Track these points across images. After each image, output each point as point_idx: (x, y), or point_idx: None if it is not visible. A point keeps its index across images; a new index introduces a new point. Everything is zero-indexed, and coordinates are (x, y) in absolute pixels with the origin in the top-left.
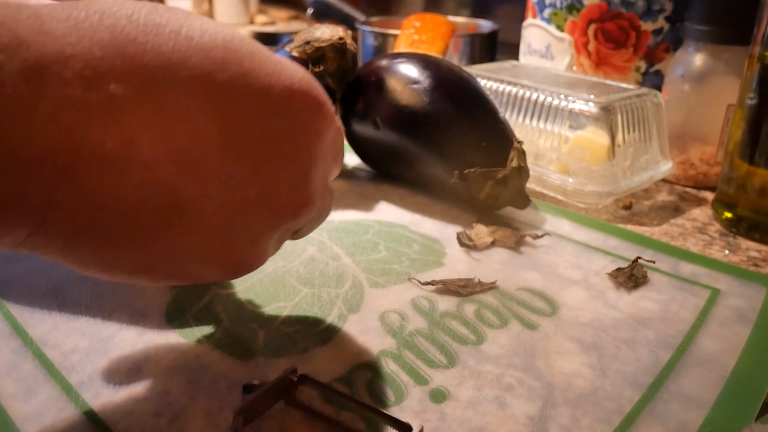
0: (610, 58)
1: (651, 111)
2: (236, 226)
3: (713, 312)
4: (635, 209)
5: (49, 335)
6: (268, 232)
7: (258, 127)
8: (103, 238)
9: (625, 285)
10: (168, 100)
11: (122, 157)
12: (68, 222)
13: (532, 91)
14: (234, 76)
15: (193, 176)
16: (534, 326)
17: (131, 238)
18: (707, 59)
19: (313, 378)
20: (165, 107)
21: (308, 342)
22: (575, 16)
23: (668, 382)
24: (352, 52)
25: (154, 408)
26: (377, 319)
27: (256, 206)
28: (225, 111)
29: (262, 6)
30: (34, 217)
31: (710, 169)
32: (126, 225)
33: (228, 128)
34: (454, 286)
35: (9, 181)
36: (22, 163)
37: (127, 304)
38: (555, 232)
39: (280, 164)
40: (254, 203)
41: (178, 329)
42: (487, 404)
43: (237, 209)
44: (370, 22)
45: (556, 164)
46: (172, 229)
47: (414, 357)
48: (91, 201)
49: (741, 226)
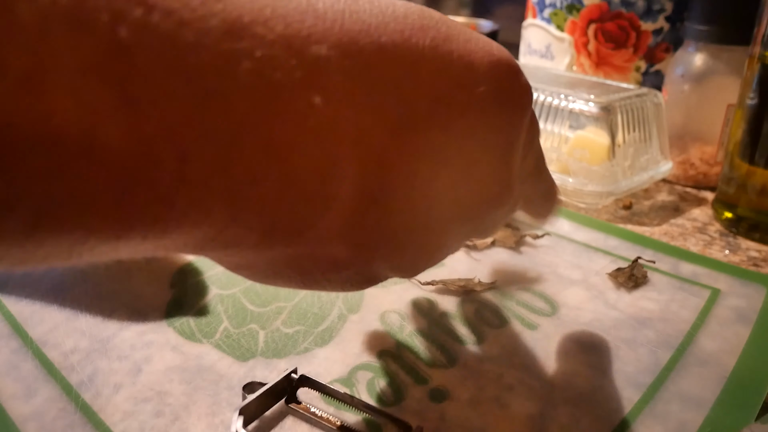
0: (610, 58)
1: (651, 111)
2: (438, 209)
3: (713, 312)
4: (635, 209)
5: (49, 335)
6: (462, 221)
7: (465, 95)
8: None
9: (625, 285)
10: (375, 66)
11: (328, 122)
12: (263, 202)
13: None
14: (435, 40)
15: (404, 148)
16: (534, 326)
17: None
18: (707, 59)
19: (314, 379)
20: (372, 73)
21: (308, 342)
22: (575, 16)
23: (668, 381)
24: None
25: (154, 408)
26: (377, 319)
27: (461, 185)
28: (433, 78)
29: None
30: (230, 197)
31: (710, 169)
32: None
33: (437, 97)
34: (454, 286)
35: (215, 145)
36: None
37: (127, 304)
38: (555, 232)
39: (485, 136)
40: (459, 181)
41: (178, 329)
42: (487, 404)
43: (442, 188)
44: None
45: (556, 164)
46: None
47: (414, 357)
48: (289, 174)
49: (741, 226)
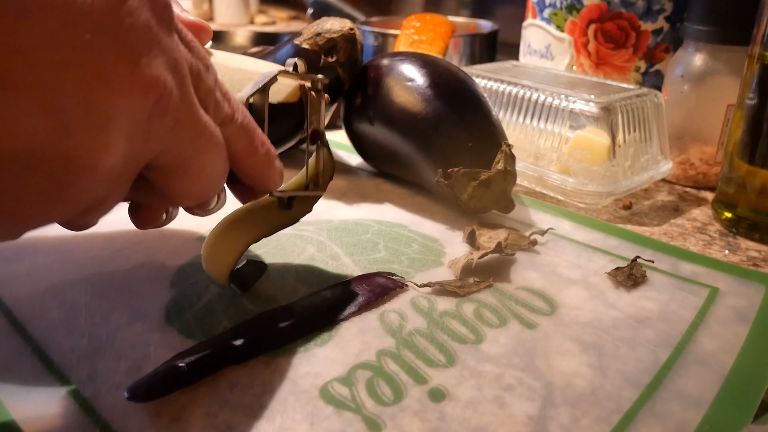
0: (610, 58)
1: (651, 111)
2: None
3: (712, 311)
4: (635, 209)
5: (49, 335)
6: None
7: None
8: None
9: (624, 284)
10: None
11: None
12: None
13: (533, 91)
14: None
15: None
16: (533, 326)
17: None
18: (707, 59)
19: None
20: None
21: (308, 342)
22: (575, 16)
23: (667, 381)
24: (361, 43)
25: (155, 408)
26: (377, 319)
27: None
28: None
29: (262, 6)
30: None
31: (710, 169)
32: None
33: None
34: (451, 287)
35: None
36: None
37: (127, 304)
38: (555, 232)
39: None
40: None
41: (178, 329)
42: (487, 404)
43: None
44: (370, 22)
45: (556, 164)
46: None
47: (413, 356)
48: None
49: (741, 226)
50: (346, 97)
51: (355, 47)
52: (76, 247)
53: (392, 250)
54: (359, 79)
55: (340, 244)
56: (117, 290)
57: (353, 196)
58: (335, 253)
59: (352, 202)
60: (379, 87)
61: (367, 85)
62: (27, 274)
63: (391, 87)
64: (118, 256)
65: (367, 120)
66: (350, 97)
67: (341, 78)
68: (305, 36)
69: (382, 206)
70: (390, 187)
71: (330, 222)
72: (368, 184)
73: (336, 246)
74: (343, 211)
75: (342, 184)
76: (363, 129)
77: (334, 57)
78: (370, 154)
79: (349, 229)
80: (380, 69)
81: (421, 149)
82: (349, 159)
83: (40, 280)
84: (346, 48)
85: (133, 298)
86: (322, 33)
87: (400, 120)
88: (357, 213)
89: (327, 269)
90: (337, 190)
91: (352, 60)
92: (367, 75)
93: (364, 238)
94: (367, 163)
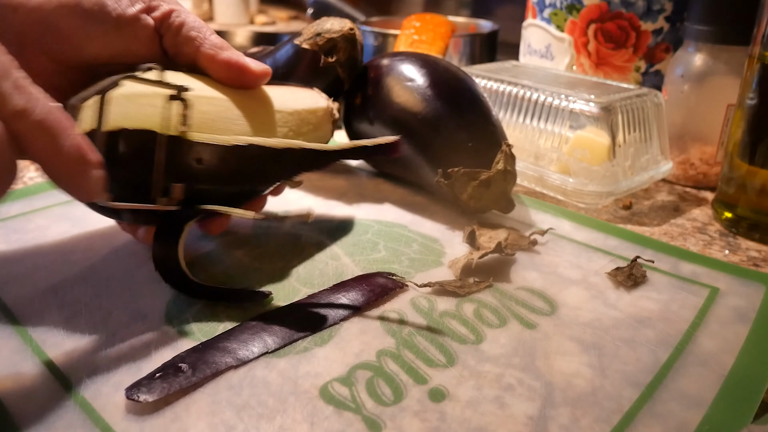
0: (610, 58)
1: (651, 111)
2: None
3: (712, 311)
4: (635, 209)
5: (49, 335)
6: None
7: None
8: None
9: (624, 284)
10: None
11: None
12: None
13: (533, 91)
14: None
15: None
16: (533, 326)
17: None
18: (707, 59)
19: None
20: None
21: (308, 341)
22: (575, 16)
23: (667, 381)
24: (360, 43)
25: (154, 408)
26: (377, 319)
27: None
28: None
29: (262, 6)
30: None
31: (710, 169)
32: None
33: None
34: (451, 287)
35: None
36: None
37: (127, 304)
38: (555, 232)
39: None
40: None
41: (177, 329)
42: (487, 404)
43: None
44: (370, 22)
45: (556, 164)
46: None
47: (413, 356)
48: None
49: (741, 226)
50: (346, 97)
51: (355, 47)
52: (76, 247)
53: (392, 250)
54: (359, 79)
55: (340, 244)
56: (117, 290)
57: (353, 196)
58: (335, 253)
59: (352, 202)
60: (379, 87)
61: (367, 85)
62: (27, 274)
63: (391, 87)
64: (118, 256)
65: (367, 120)
66: (350, 97)
67: (341, 78)
68: (305, 36)
69: (382, 206)
70: (390, 187)
71: (330, 222)
72: (368, 184)
73: (336, 246)
74: (343, 211)
75: (342, 184)
76: (363, 129)
77: (334, 57)
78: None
79: (349, 229)
80: (380, 69)
81: (421, 149)
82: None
83: (40, 280)
84: (346, 48)
85: (133, 298)
86: (322, 33)
87: (400, 120)
88: (357, 213)
89: (327, 269)
90: (337, 190)
91: (352, 60)
92: (367, 75)
93: (364, 238)
94: (367, 163)
